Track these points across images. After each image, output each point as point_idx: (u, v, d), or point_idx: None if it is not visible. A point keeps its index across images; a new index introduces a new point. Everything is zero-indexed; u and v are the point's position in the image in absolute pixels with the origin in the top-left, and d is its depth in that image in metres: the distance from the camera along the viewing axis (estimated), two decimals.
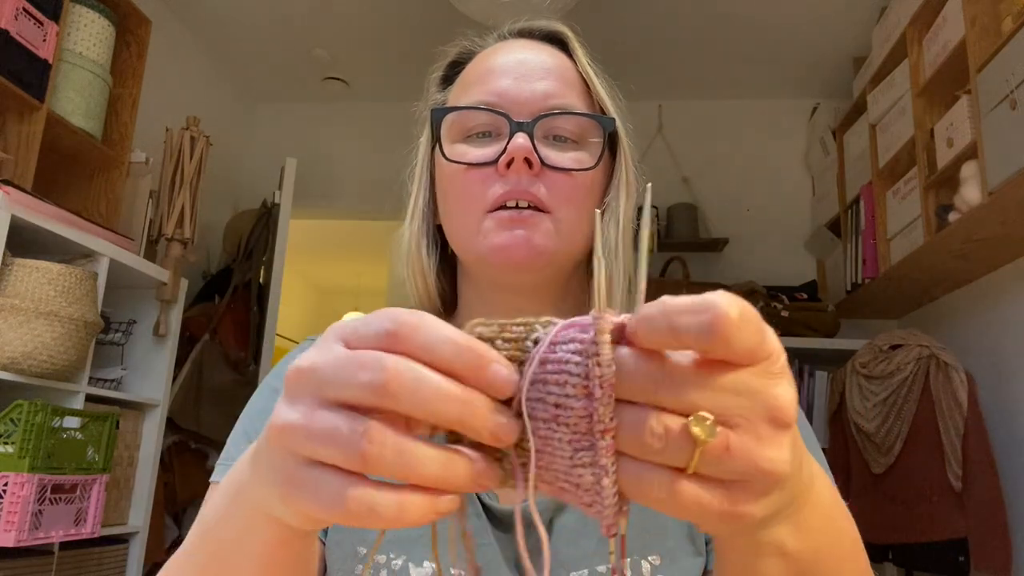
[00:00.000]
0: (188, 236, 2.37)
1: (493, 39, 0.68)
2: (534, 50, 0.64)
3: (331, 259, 5.71)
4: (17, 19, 1.85)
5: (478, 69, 0.64)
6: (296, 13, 2.92)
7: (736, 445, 0.28)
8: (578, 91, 0.63)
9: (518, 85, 0.61)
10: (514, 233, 0.57)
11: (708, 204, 3.23)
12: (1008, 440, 2.04)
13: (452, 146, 0.62)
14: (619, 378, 0.29)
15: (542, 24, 0.67)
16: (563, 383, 0.29)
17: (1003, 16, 1.78)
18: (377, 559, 0.57)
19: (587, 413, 0.29)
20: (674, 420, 0.28)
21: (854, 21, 2.73)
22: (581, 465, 0.29)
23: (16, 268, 1.71)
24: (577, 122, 0.61)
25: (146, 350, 2.26)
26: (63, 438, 1.72)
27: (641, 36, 2.94)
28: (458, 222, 0.61)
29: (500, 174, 0.58)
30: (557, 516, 0.58)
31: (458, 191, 0.61)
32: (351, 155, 3.48)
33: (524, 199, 0.58)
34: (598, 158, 0.60)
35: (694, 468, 0.28)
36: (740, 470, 0.29)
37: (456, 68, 0.68)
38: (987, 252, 2.07)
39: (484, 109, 0.60)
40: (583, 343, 0.29)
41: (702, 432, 0.28)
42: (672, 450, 0.28)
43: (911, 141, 2.21)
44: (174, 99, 2.85)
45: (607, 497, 0.29)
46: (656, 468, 0.29)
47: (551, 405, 0.29)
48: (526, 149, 0.57)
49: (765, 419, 0.29)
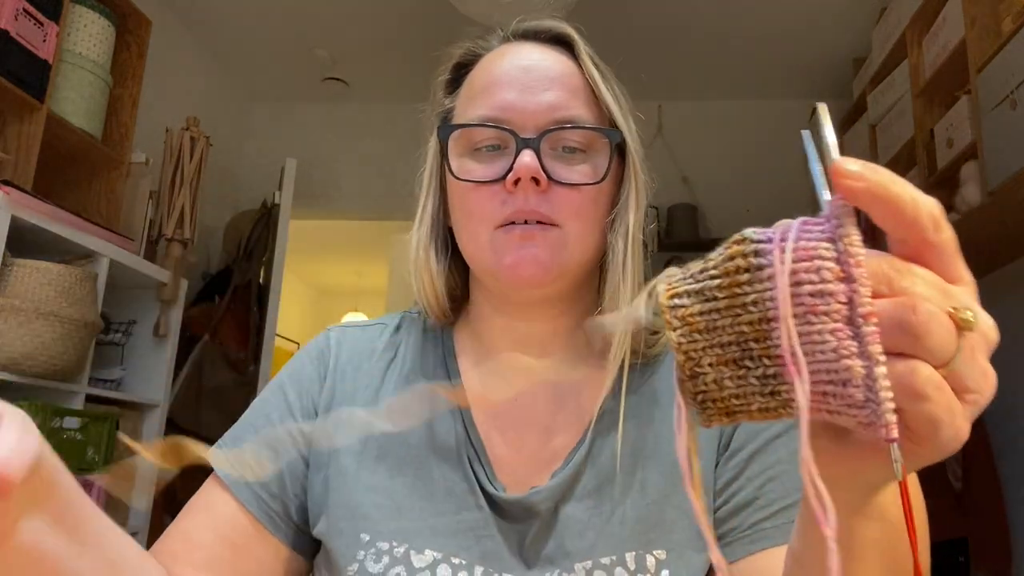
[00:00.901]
0: (188, 236, 2.37)
1: (497, 40, 0.67)
2: (539, 55, 0.63)
3: (331, 259, 5.71)
4: (17, 19, 1.85)
5: (483, 77, 0.64)
6: (296, 13, 2.92)
7: (977, 350, 0.28)
8: (584, 98, 0.62)
9: (523, 98, 0.60)
10: (522, 252, 0.58)
11: (708, 204, 3.23)
12: (1008, 440, 2.04)
13: (460, 160, 0.62)
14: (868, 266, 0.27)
15: (548, 25, 0.66)
16: (817, 269, 0.27)
17: (1003, 16, 1.78)
18: (380, 546, 0.58)
19: (847, 298, 0.27)
20: (937, 306, 0.27)
21: (854, 21, 2.73)
22: (848, 356, 0.27)
23: (16, 268, 1.71)
24: (585, 133, 0.61)
25: (146, 350, 2.26)
26: (63, 438, 1.72)
27: (641, 36, 2.94)
28: (468, 235, 0.62)
29: (508, 191, 0.59)
30: (562, 506, 0.59)
31: (467, 208, 0.61)
32: (351, 155, 3.48)
33: (532, 217, 0.58)
34: (605, 171, 0.60)
35: (954, 364, 0.27)
36: (975, 377, 0.28)
37: (462, 70, 0.68)
38: (987, 252, 2.07)
39: (490, 126, 0.60)
40: (828, 230, 0.28)
41: (971, 318, 0.26)
42: (937, 336, 0.27)
43: (911, 141, 2.21)
44: (174, 99, 2.85)
45: (882, 389, 0.26)
46: (919, 362, 0.27)
47: (806, 296, 0.27)
48: (533, 169, 0.57)
49: (989, 338, 0.29)
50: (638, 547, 0.57)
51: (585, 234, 0.60)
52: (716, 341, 0.29)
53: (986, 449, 1.93)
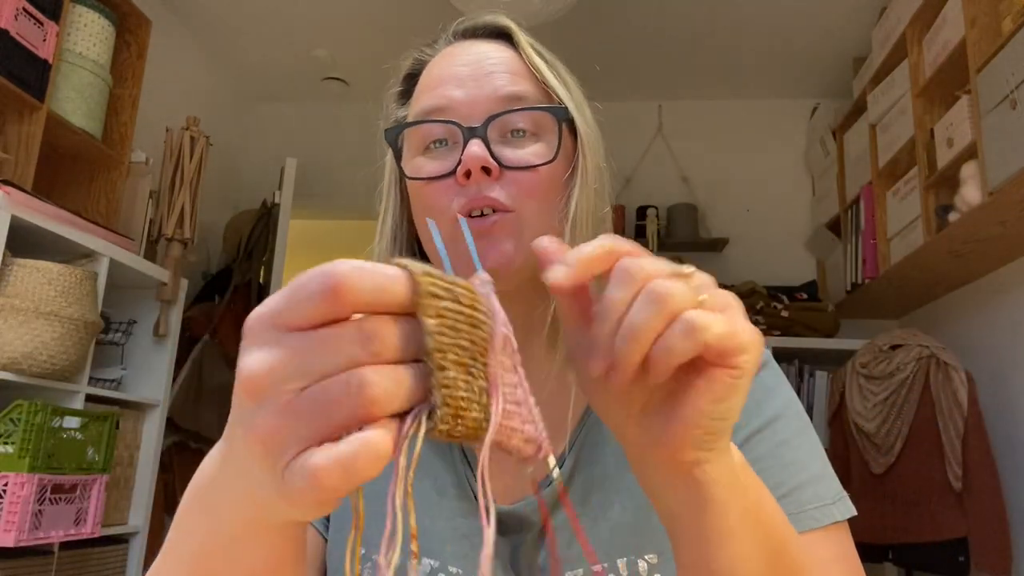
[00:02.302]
0: (188, 236, 2.37)
1: (442, 43, 0.67)
2: (478, 49, 0.63)
3: (331, 259, 5.70)
4: (17, 19, 1.85)
5: (427, 80, 0.64)
6: (296, 13, 2.92)
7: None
8: (528, 82, 0.61)
9: (465, 87, 0.60)
10: (482, 244, 0.56)
11: (708, 204, 3.23)
12: (1008, 440, 2.04)
13: (412, 160, 0.61)
14: None
15: (485, 20, 0.66)
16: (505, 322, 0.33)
17: (1003, 16, 1.78)
18: (375, 559, 0.57)
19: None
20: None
21: (854, 21, 2.73)
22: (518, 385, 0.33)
23: (16, 268, 1.71)
24: (531, 114, 0.60)
25: (146, 350, 2.26)
26: (63, 438, 1.72)
27: (641, 36, 2.94)
28: (426, 234, 0.61)
29: (460, 184, 0.58)
30: (552, 516, 0.58)
31: (422, 206, 0.60)
32: (351, 155, 3.46)
33: (487, 206, 0.57)
34: (555, 149, 0.59)
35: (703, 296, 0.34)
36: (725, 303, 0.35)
37: (412, 81, 0.68)
38: (987, 252, 2.07)
39: (434, 121, 0.60)
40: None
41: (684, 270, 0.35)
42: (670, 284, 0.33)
43: (911, 141, 2.21)
44: (174, 99, 2.85)
45: (537, 418, 0.33)
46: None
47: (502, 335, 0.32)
48: (481, 159, 0.56)
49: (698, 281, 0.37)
50: (629, 552, 0.56)
51: (541, 215, 0.59)
52: (457, 342, 0.30)
53: (986, 449, 1.93)
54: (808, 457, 0.57)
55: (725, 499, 0.38)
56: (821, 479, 0.56)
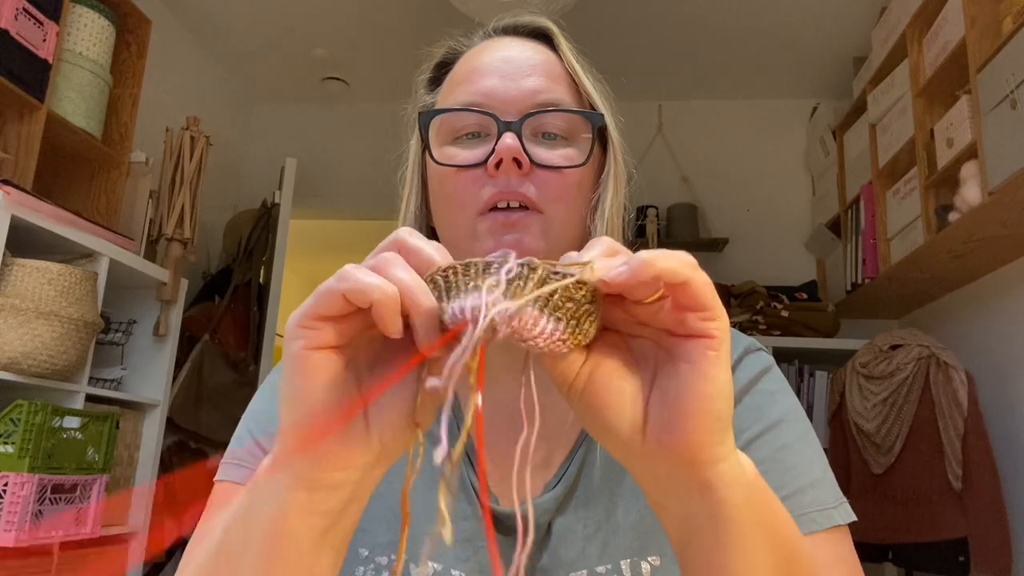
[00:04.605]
0: (188, 236, 2.37)
1: (479, 37, 0.67)
2: (520, 47, 0.63)
3: (331, 259, 5.70)
4: (17, 19, 1.85)
5: (464, 69, 0.64)
6: (296, 13, 2.92)
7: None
8: (565, 86, 0.62)
9: (504, 84, 0.60)
10: (505, 239, 0.56)
11: (708, 204, 3.23)
12: (1008, 440, 2.04)
13: (441, 148, 0.61)
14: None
15: (527, 20, 0.66)
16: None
17: (1003, 16, 1.78)
18: (378, 560, 0.57)
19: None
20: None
21: (854, 21, 2.73)
22: None
23: (16, 268, 1.71)
24: (566, 118, 0.60)
25: (146, 350, 2.26)
26: (63, 438, 1.72)
27: (641, 36, 2.94)
28: (450, 224, 0.61)
29: (490, 175, 0.58)
30: (556, 518, 0.58)
31: (449, 194, 0.60)
32: (351, 155, 3.47)
33: (515, 199, 0.57)
34: (588, 154, 0.60)
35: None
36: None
37: (444, 69, 0.68)
38: (987, 252, 2.07)
39: (471, 110, 0.60)
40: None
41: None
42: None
43: (911, 141, 2.21)
44: (174, 99, 2.85)
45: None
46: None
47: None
48: (514, 149, 0.56)
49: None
50: (632, 554, 0.56)
51: (568, 220, 0.59)
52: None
53: (986, 449, 1.93)
54: (810, 461, 0.57)
55: (739, 504, 0.37)
56: (822, 483, 0.56)
